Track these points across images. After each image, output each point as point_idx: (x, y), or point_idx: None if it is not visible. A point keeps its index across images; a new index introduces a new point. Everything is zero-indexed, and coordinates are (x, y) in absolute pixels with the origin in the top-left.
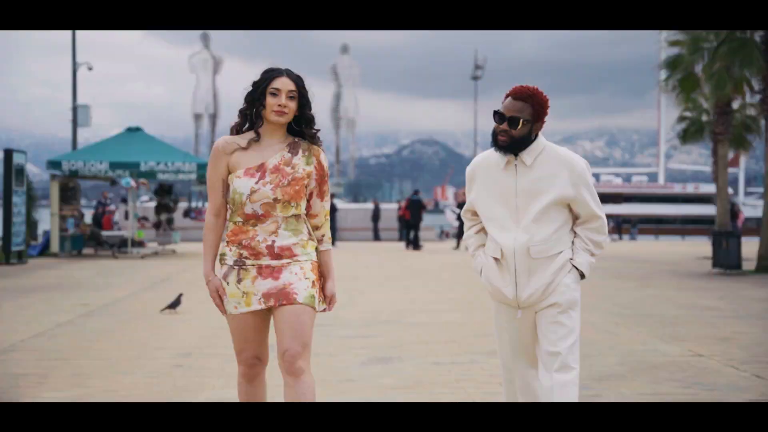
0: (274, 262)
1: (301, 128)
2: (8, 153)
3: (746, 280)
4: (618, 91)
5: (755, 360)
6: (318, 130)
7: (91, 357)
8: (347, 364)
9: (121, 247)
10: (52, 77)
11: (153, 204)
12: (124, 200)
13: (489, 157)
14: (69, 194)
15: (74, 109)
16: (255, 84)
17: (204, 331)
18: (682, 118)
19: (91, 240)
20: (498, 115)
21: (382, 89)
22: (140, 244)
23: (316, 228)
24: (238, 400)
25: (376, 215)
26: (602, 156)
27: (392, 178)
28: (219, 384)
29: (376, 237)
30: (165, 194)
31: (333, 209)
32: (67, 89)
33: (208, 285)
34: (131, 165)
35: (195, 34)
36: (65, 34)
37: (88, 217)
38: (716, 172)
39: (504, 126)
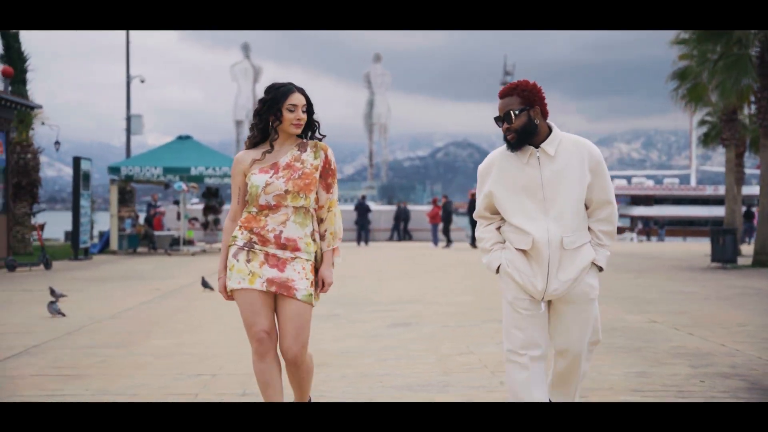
0: (279, 252)
1: (308, 134)
2: (76, 160)
3: (737, 273)
4: (655, 92)
5: (697, 325)
6: (324, 136)
7: (176, 322)
8: (376, 326)
9: (172, 245)
10: (84, 81)
11: (201, 206)
12: (176, 202)
13: (504, 153)
14: (126, 197)
15: (128, 118)
16: (268, 101)
17: None
18: (702, 122)
19: (146, 239)
20: (496, 120)
21: (416, 92)
22: (190, 242)
23: (320, 220)
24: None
25: (398, 216)
26: (639, 158)
27: (426, 181)
28: None
29: (400, 237)
30: (212, 197)
31: (367, 210)
32: (100, 93)
33: (219, 280)
34: (182, 170)
35: (230, 39)
36: (92, 38)
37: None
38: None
39: (504, 126)
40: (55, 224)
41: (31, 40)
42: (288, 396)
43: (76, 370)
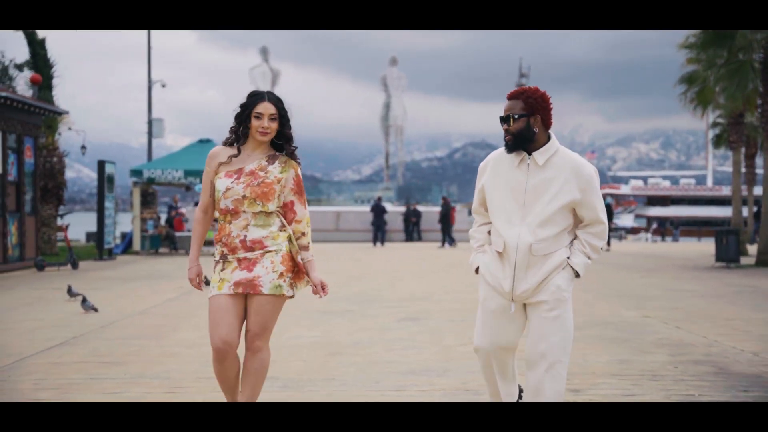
0: (249, 254)
1: (282, 144)
2: (101, 164)
3: (740, 272)
4: (673, 91)
5: (686, 319)
6: (296, 147)
7: (201, 317)
8: (387, 320)
9: None
10: (101, 84)
11: None
12: (197, 204)
13: (503, 153)
14: (148, 199)
15: (150, 122)
16: (242, 106)
17: None
18: (715, 124)
19: (167, 240)
20: (500, 119)
21: (434, 93)
22: (210, 243)
23: (302, 234)
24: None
25: (407, 218)
26: (657, 158)
27: (443, 182)
28: (292, 335)
29: (411, 237)
30: None
31: (383, 211)
32: (117, 95)
33: (189, 270)
34: (203, 172)
35: (247, 41)
36: (108, 40)
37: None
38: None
39: (504, 126)
40: (76, 225)
41: (48, 42)
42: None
43: (114, 358)
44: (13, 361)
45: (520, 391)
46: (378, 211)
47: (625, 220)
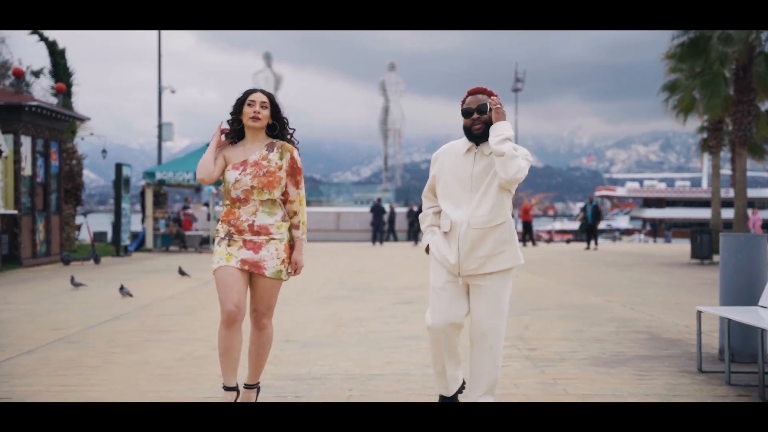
0: (255, 238)
1: (278, 132)
2: (118, 166)
3: (712, 267)
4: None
5: (642, 303)
6: (294, 130)
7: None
8: (383, 304)
9: (202, 244)
10: (100, 85)
11: None
12: (206, 204)
13: (454, 145)
14: (160, 200)
15: (159, 126)
16: (238, 100)
17: (284, 294)
18: (702, 129)
19: (177, 238)
20: (467, 111)
21: (433, 94)
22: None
23: (294, 213)
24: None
25: (392, 218)
26: (657, 160)
27: None
28: (304, 313)
29: (395, 237)
30: None
31: (382, 211)
32: (116, 96)
33: (214, 138)
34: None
35: (246, 42)
36: (109, 41)
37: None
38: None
39: (475, 116)
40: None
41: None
42: (241, 377)
43: (161, 328)
44: (80, 329)
45: (463, 383)
46: (378, 211)
47: (621, 221)
